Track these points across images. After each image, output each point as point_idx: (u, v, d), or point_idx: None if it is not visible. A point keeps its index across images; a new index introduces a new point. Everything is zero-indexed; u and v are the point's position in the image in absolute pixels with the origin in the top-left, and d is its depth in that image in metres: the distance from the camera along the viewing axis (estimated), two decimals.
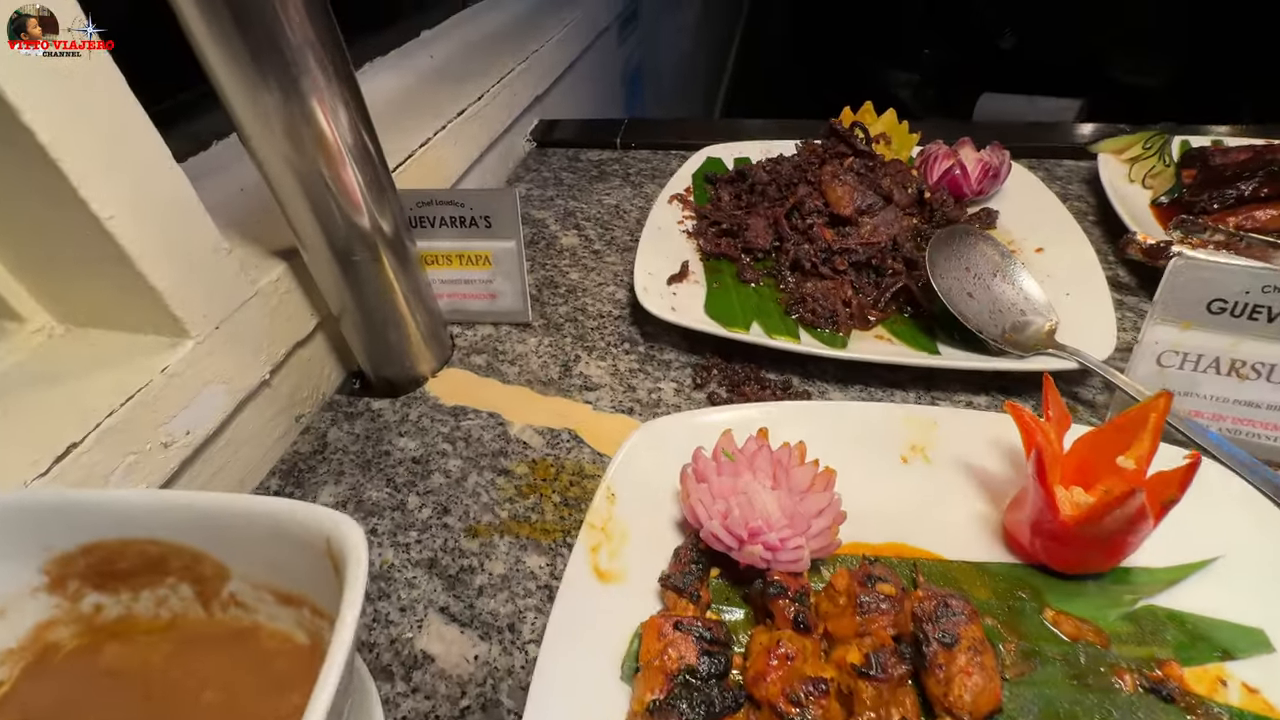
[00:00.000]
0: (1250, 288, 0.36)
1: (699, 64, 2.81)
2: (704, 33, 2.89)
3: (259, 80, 0.34)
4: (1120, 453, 0.30)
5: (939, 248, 0.45)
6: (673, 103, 2.21)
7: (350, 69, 0.38)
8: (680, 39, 2.30)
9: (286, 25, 0.33)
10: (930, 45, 3.04)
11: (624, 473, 0.36)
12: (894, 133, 0.68)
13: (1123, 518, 0.27)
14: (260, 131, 0.36)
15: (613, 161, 0.82)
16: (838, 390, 0.46)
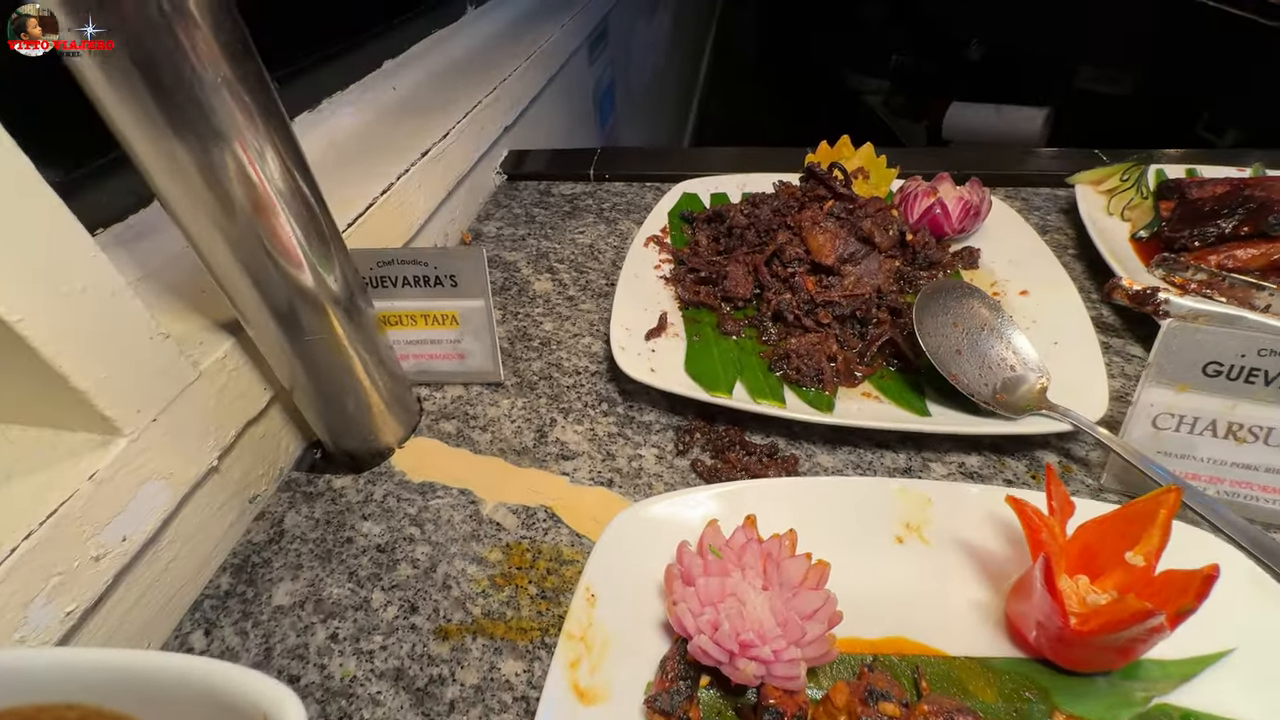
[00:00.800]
0: (1246, 351, 0.35)
1: (672, 76, 2.80)
2: (676, 44, 2.88)
3: (167, 128, 0.29)
4: (1129, 545, 0.28)
5: (925, 305, 0.43)
6: (646, 117, 2.20)
7: (280, 110, 0.34)
8: (652, 53, 2.29)
9: (196, 62, 0.29)
10: (899, 52, 3.08)
11: (603, 568, 0.34)
12: (872, 167, 0.66)
13: (1135, 633, 0.25)
14: (176, 189, 0.32)
15: (586, 195, 0.80)
16: (825, 452, 0.44)
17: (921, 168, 0.78)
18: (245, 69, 0.31)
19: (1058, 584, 0.27)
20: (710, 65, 4.36)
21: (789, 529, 0.34)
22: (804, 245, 0.52)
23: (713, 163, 0.82)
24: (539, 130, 1.06)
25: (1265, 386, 0.35)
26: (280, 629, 0.36)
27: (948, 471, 0.42)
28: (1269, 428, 0.36)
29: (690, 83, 3.71)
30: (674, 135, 3.05)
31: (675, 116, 3.08)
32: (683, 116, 3.37)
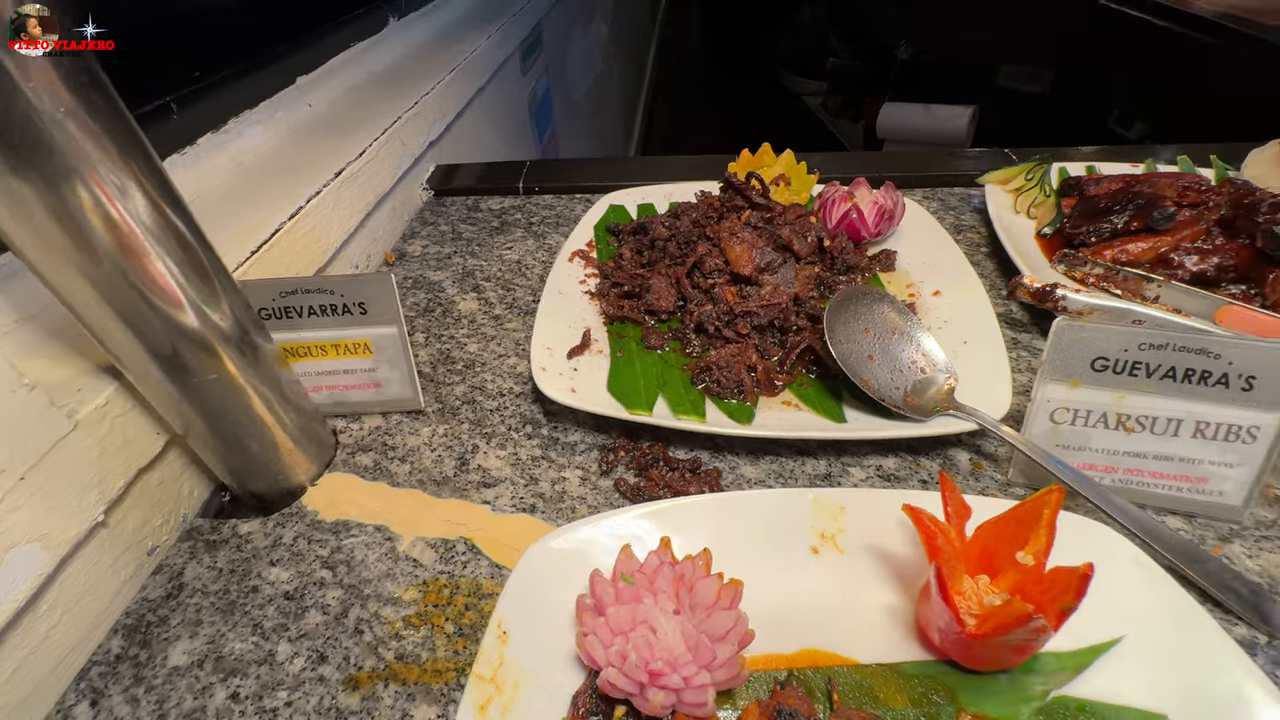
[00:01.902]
0: (1129, 345, 0.37)
1: (615, 81, 2.80)
2: (617, 49, 2.88)
3: (3, 166, 0.27)
4: (1020, 545, 0.29)
5: (836, 312, 0.44)
6: (589, 126, 2.19)
7: (141, 141, 0.32)
8: (591, 58, 2.28)
9: (30, 93, 0.26)
10: (835, 55, 3.16)
11: (516, 603, 0.33)
12: (793, 174, 0.67)
13: (1023, 635, 0.26)
14: (23, 233, 0.29)
15: (514, 210, 0.78)
16: (749, 463, 0.44)
17: (845, 171, 0.80)
18: (93, 99, 0.29)
19: (950, 590, 0.27)
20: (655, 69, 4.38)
21: (703, 548, 0.34)
22: (723, 256, 0.52)
23: (644, 172, 0.82)
24: (470, 143, 1.04)
25: (1148, 379, 0.37)
26: (176, 692, 0.34)
27: (866, 475, 0.43)
28: (1153, 417, 0.38)
29: (635, 87, 3.72)
30: (620, 142, 3.06)
31: (621, 123, 3.08)
32: (629, 122, 3.37)
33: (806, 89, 3.28)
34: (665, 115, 3.91)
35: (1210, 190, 0.57)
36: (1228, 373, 0.36)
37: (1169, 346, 0.36)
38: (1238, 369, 0.36)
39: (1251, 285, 0.52)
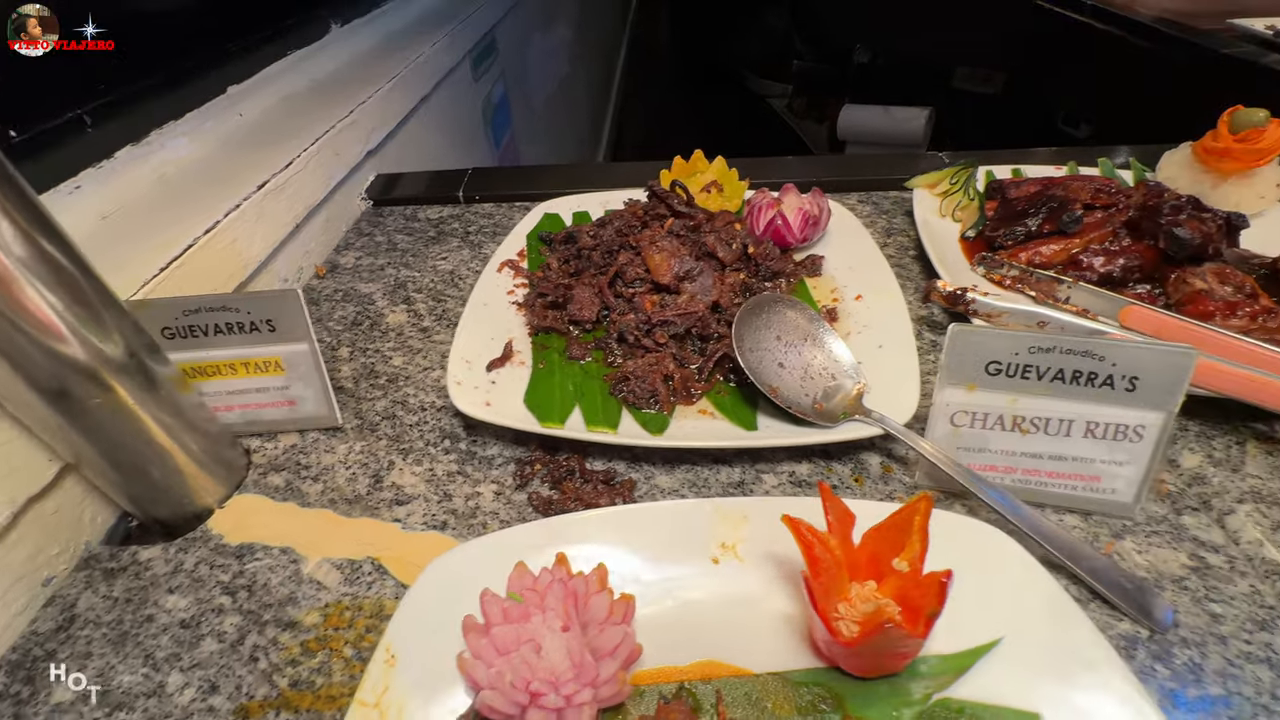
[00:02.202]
0: (1019, 349, 0.38)
1: (581, 85, 2.80)
2: (583, 52, 2.88)
3: None
4: (897, 551, 0.30)
5: (746, 320, 0.44)
6: (552, 130, 2.18)
7: (7, 169, 0.31)
8: (555, 61, 2.28)
9: None
10: (800, 57, 3.20)
11: (407, 626, 0.32)
12: (725, 180, 0.68)
13: (886, 643, 0.26)
14: None
15: (453, 219, 0.78)
16: (664, 473, 0.44)
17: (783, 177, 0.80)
18: None
19: (820, 602, 0.28)
20: (626, 72, 4.39)
21: (599, 563, 0.34)
22: (645, 265, 0.52)
23: (589, 179, 0.82)
24: (416, 152, 1.03)
25: (1038, 381, 0.38)
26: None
27: (778, 482, 0.44)
28: (1046, 418, 0.39)
29: (604, 91, 3.72)
30: (589, 146, 3.05)
31: (589, 126, 3.07)
32: (598, 126, 3.36)
33: (771, 91, 3.31)
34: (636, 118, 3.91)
35: (1121, 192, 0.58)
36: (1112, 374, 0.37)
37: (1056, 349, 0.37)
38: (1121, 370, 0.37)
39: (1156, 285, 0.53)
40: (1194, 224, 0.52)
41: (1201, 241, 0.51)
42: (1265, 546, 0.38)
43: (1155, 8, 1.44)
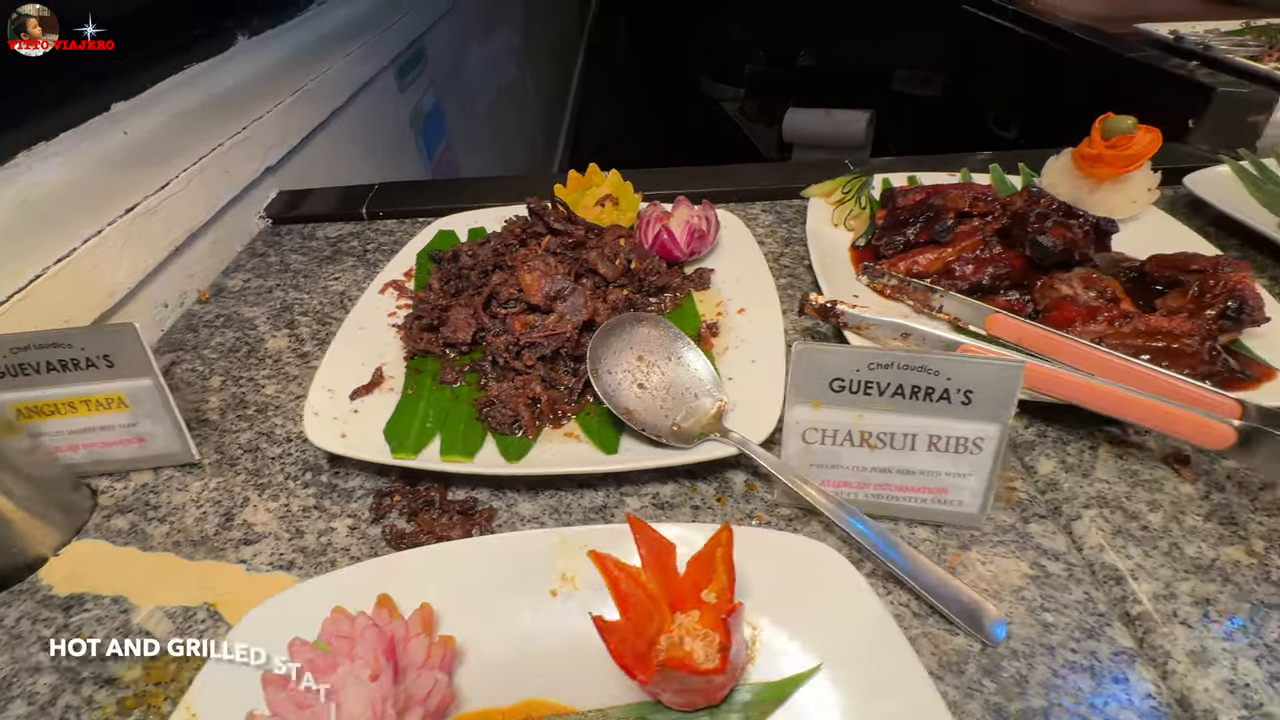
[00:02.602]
0: (859, 366, 0.38)
1: (530, 91, 2.78)
2: (534, 57, 2.86)
3: None
4: (707, 583, 0.29)
5: (604, 341, 0.44)
6: (498, 139, 2.16)
7: None
8: (498, 69, 2.26)
9: None
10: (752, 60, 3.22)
11: (213, 681, 0.31)
12: (620, 193, 0.67)
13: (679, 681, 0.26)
14: None
15: (352, 237, 0.76)
16: (527, 500, 0.44)
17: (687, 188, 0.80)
18: None
19: (620, 653, 0.27)
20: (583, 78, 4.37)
21: (423, 603, 0.33)
22: (519, 285, 0.51)
23: (500, 193, 0.80)
24: (331, 166, 1.00)
25: (880, 397, 0.38)
26: None
27: (641, 504, 0.43)
28: (891, 433, 0.39)
29: (560, 97, 3.70)
30: (543, 154, 3.02)
31: (543, 134, 3.04)
32: (553, 134, 3.34)
33: (724, 94, 3.34)
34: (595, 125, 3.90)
35: (997, 200, 0.59)
36: (948, 388, 0.37)
37: (894, 365, 0.37)
38: (956, 384, 0.37)
39: (1025, 292, 0.54)
40: (1059, 231, 0.53)
41: (1065, 248, 0.52)
42: (1105, 551, 0.39)
43: (1071, 12, 1.48)
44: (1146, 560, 0.38)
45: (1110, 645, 0.34)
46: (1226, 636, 0.34)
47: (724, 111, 3.25)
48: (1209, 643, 0.34)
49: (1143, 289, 0.56)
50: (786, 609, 0.33)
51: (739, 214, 0.75)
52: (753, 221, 0.74)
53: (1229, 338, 0.48)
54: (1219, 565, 0.37)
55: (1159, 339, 0.46)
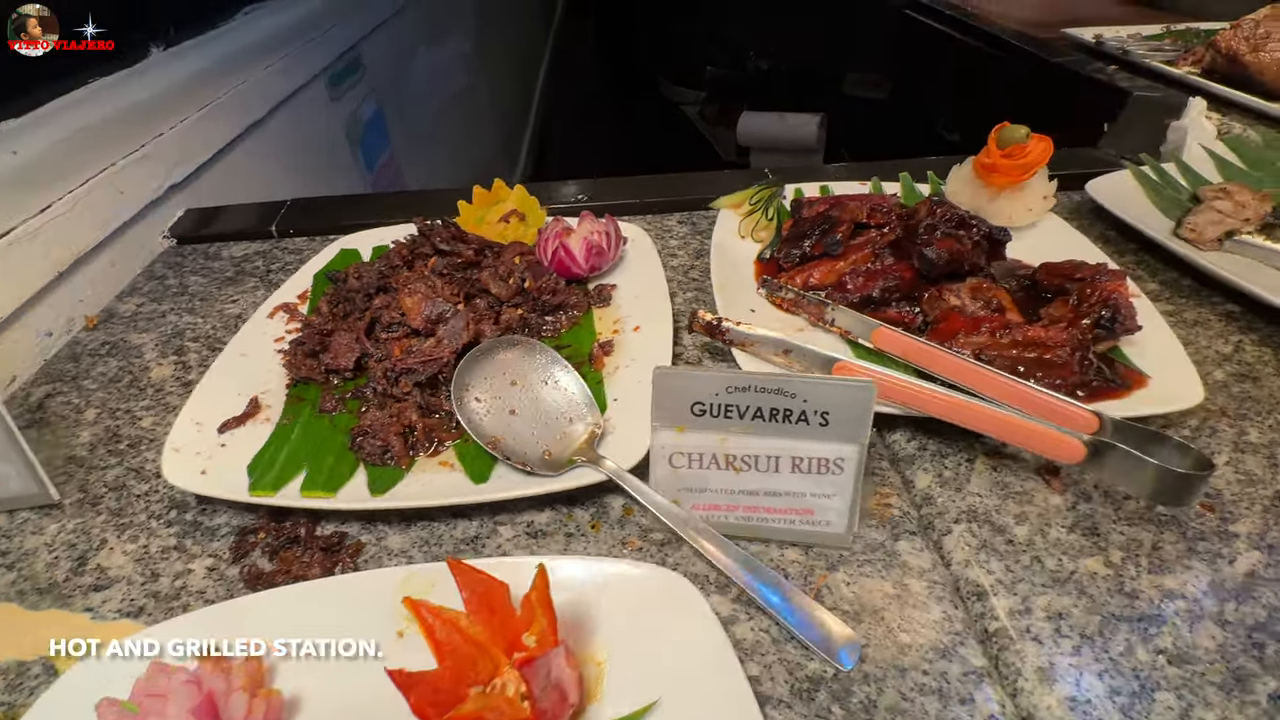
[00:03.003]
0: (719, 390, 0.37)
1: (489, 99, 2.75)
2: (488, 64, 2.83)
3: None
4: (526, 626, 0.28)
5: (472, 367, 0.43)
6: (450, 149, 2.13)
7: None
8: (450, 76, 2.23)
9: None
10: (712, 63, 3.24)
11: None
12: (527, 208, 0.66)
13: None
14: None
15: (258, 256, 0.74)
16: (398, 532, 0.42)
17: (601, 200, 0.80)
18: None
19: (412, 699, 0.26)
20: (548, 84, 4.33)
21: (248, 657, 0.31)
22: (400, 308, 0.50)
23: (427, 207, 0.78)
24: (252, 181, 0.97)
25: (741, 420, 0.38)
26: None
27: (515, 534, 0.42)
28: (755, 455, 0.39)
29: (522, 103, 3.66)
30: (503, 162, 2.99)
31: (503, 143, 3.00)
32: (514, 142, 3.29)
33: (685, 98, 3.35)
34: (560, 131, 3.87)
35: (894, 211, 0.60)
36: (805, 410, 0.37)
37: (751, 388, 0.37)
38: (813, 405, 0.37)
39: (916, 304, 0.54)
40: (945, 243, 0.54)
41: (950, 260, 0.53)
42: (970, 566, 0.39)
43: (1005, 17, 1.51)
44: (1007, 575, 0.38)
45: (962, 665, 0.34)
46: (1074, 652, 0.34)
47: (684, 115, 3.26)
48: (1057, 659, 0.34)
49: (1036, 297, 0.56)
50: (634, 642, 0.33)
51: (655, 226, 0.76)
52: (668, 233, 0.74)
53: (1107, 346, 0.49)
54: (1076, 578, 0.38)
55: (1034, 350, 0.47)
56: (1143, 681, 0.33)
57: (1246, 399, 0.49)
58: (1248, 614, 0.36)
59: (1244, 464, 0.44)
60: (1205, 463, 0.35)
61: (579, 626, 0.33)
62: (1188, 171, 0.75)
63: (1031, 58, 1.29)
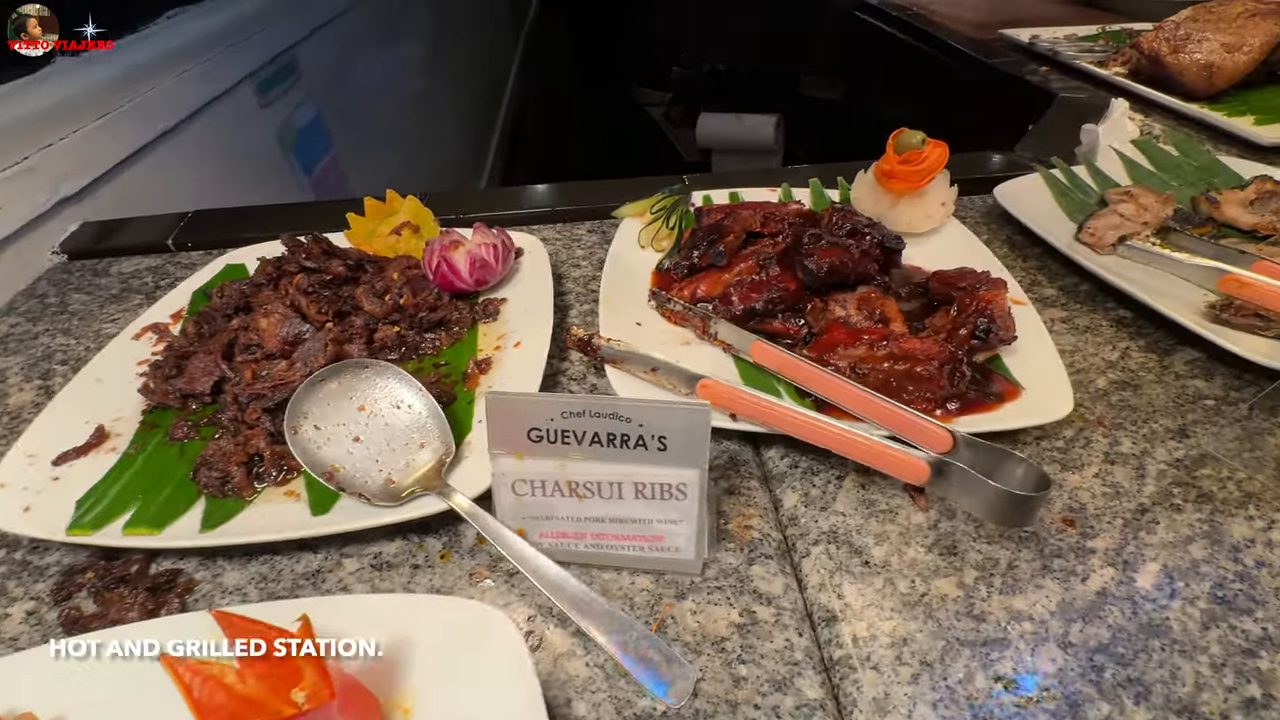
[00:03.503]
0: (553, 415, 0.36)
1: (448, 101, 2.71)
2: (447, 65, 2.79)
3: None
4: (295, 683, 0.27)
5: (312, 394, 0.41)
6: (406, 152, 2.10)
7: None
8: (405, 75, 2.19)
9: None
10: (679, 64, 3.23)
11: None
12: (420, 219, 0.64)
13: None
14: None
15: (149, 272, 0.71)
16: (238, 568, 0.40)
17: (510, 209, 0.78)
18: None
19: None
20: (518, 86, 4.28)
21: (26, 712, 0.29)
22: None
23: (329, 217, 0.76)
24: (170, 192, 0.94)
25: (579, 445, 0.36)
26: None
27: (359, 567, 0.40)
28: (597, 481, 0.37)
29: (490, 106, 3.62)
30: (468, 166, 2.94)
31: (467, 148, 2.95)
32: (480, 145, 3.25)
33: (650, 99, 3.33)
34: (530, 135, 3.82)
35: (786, 219, 0.58)
36: (642, 435, 0.35)
37: (586, 413, 0.35)
38: (649, 430, 0.35)
39: (801, 316, 0.53)
40: (832, 252, 0.53)
41: (831, 270, 0.52)
42: (823, 591, 0.38)
43: (948, 17, 1.52)
44: (858, 599, 0.37)
45: (796, 698, 0.33)
46: (912, 680, 0.33)
47: (650, 116, 3.25)
48: (894, 688, 0.33)
49: (932, 307, 0.56)
50: (443, 687, 0.31)
51: (564, 235, 0.74)
52: (576, 243, 0.73)
53: (986, 356, 0.48)
54: (926, 600, 0.37)
55: (905, 363, 0.46)
56: (975, 711, 0.32)
57: (1125, 407, 0.48)
58: (1092, 635, 0.35)
59: (1112, 475, 0.43)
60: (1044, 482, 0.35)
61: (390, 670, 0.31)
62: (1097, 174, 0.75)
63: (969, 59, 1.29)
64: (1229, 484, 0.42)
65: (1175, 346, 0.54)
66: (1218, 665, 0.33)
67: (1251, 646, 0.34)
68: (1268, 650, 0.34)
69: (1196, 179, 0.74)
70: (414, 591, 0.39)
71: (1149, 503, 0.41)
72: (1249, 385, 0.50)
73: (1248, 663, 0.33)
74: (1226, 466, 0.43)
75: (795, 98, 2.26)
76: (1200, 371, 0.51)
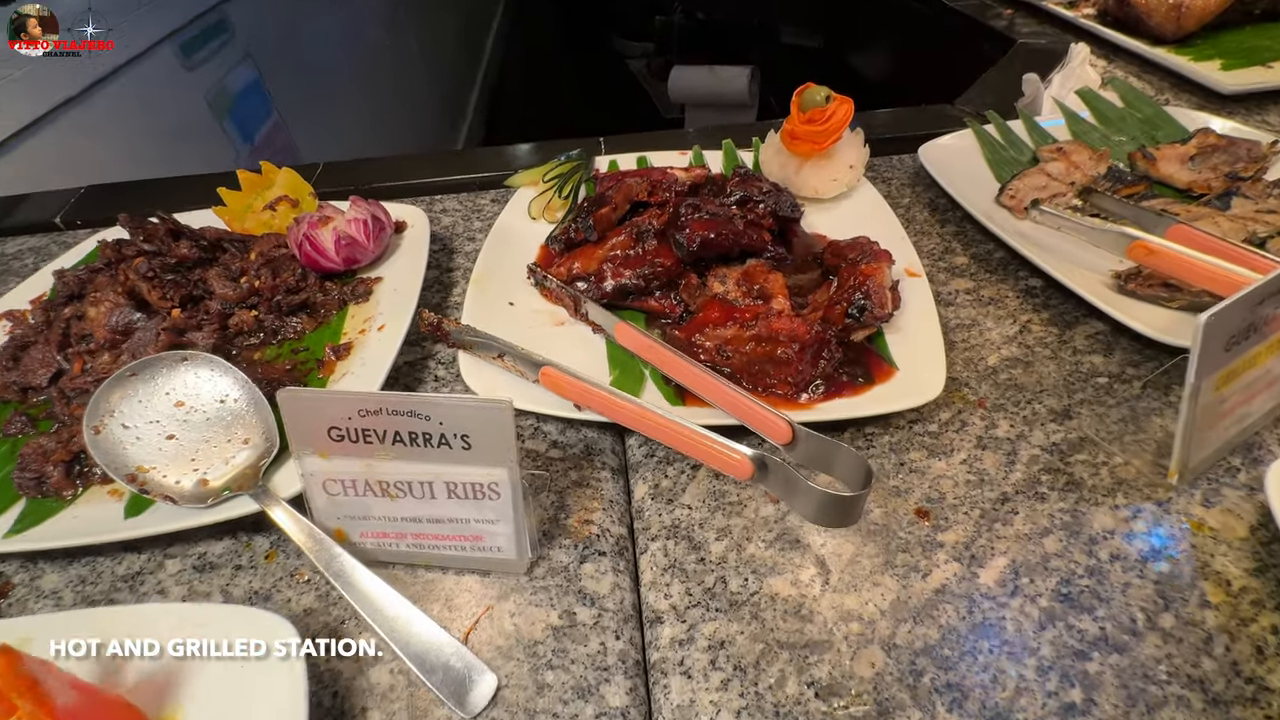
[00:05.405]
0: (350, 413, 0.34)
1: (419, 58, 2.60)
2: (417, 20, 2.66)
3: None
4: None
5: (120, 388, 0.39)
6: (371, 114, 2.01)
7: None
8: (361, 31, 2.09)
9: None
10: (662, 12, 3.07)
11: None
12: (297, 192, 0.61)
13: None
14: None
15: (31, 253, 0.68)
16: (58, 570, 0.39)
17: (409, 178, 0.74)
18: None
19: None
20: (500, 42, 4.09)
21: None
22: None
23: None
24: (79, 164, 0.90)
25: (382, 444, 0.34)
26: None
27: (182, 568, 0.39)
28: (407, 481, 0.35)
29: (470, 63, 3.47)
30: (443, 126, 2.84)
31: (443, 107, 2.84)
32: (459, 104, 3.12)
33: (631, 51, 3.19)
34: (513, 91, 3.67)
35: (673, 188, 0.55)
36: (444, 433, 0.33)
37: (384, 411, 0.33)
38: (450, 429, 0.33)
39: (677, 292, 0.50)
40: (709, 224, 0.49)
41: (705, 244, 0.48)
42: (653, 589, 0.36)
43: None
44: (685, 598, 0.36)
45: (598, 705, 0.32)
46: (722, 686, 0.32)
47: (629, 69, 3.12)
48: (700, 695, 0.32)
49: (822, 275, 0.52)
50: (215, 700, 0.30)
51: (466, 205, 0.70)
52: (476, 214, 0.69)
53: (865, 333, 0.45)
54: (755, 600, 0.35)
55: (768, 345, 0.43)
56: (781, 718, 0.31)
57: (1011, 387, 0.46)
58: (919, 636, 0.33)
59: (980, 462, 0.41)
60: (868, 479, 0.32)
61: (163, 683, 0.30)
62: (1034, 129, 0.70)
63: (932, 3, 1.21)
64: (1102, 470, 0.40)
65: (1080, 319, 0.50)
66: (1044, 668, 0.32)
67: (1084, 648, 0.32)
68: (1100, 652, 0.32)
69: (1140, 133, 0.69)
70: (232, 594, 0.37)
71: (1012, 491, 0.39)
72: (1149, 360, 0.47)
73: (1076, 665, 0.32)
74: (1104, 451, 0.41)
75: (777, 47, 2.14)
76: (1100, 346, 0.48)
